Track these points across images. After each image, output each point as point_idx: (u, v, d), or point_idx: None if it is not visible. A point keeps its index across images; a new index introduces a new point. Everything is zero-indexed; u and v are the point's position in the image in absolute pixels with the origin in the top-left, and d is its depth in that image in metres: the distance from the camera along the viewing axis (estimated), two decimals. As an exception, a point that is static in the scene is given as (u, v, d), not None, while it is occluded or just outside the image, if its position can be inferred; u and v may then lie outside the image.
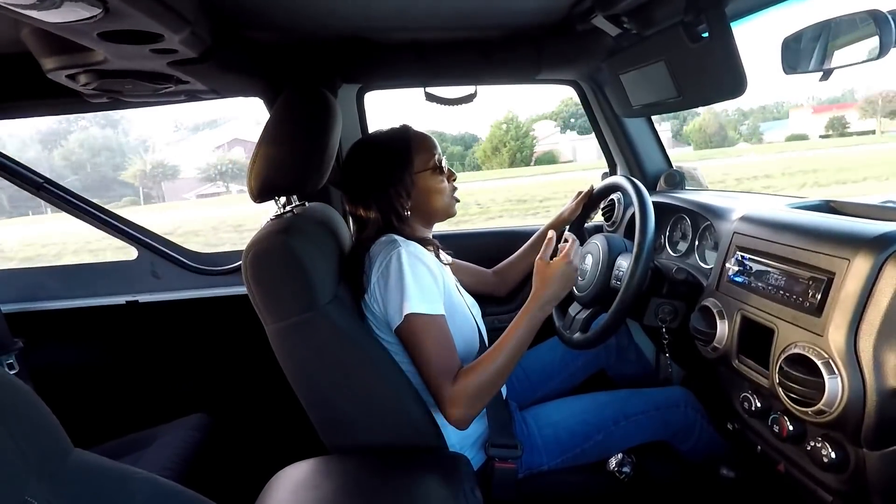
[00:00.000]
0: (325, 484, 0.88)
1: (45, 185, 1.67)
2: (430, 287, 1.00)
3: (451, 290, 1.09)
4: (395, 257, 0.99)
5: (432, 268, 1.03)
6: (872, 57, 0.93)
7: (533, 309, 1.03)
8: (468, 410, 0.96)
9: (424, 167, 1.13)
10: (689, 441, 1.20)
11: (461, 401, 0.95)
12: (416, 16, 1.21)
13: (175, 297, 1.76)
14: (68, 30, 0.74)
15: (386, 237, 1.06)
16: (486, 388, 0.98)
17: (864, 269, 0.79)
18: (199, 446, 1.32)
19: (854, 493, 0.86)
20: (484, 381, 0.97)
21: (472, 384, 0.96)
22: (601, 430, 1.16)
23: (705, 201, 1.38)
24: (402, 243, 1.02)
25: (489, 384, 0.98)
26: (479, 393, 0.96)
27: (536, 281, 1.06)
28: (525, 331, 1.02)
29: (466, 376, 0.97)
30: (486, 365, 0.98)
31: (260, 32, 1.23)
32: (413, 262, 0.99)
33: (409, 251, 1.01)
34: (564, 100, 46.05)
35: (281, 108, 1.06)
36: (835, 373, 0.79)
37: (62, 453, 0.60)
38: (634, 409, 1.19)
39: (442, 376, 0.96)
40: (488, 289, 1.51)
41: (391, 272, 0.99)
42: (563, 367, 1.43)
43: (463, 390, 0.95)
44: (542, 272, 1.06)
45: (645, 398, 1.23)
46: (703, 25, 1.01)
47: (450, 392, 0.95)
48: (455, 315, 1.07)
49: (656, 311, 1.24)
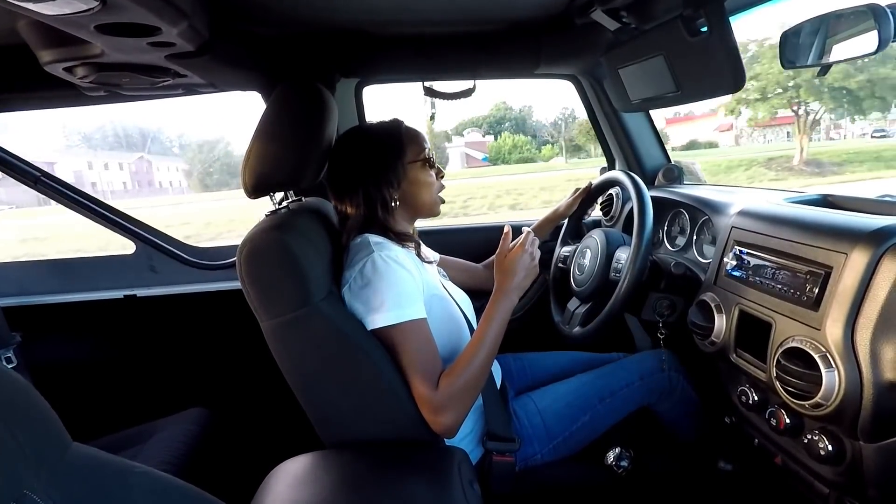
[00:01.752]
0: (323, 478, 0.88)
1: (41, 178, 1.67)
2: (407, 291, 0.98)
3: (434, 287, 1.08)
4: (368, 263, 0.98)
5: (409, 268, 1.01)
6: (871, 51, 0.93)
7: (499, 300, 1.04)
8: (455, 415, 0.95)
9: (416, 158, 1.12)
10: (669, 401, 1.23)
11: (446, 404, 0.94)
12: (414, 9, 1.21)
13: (173, 291, 1.76)
14: (65, 22, 0.74)
15: (361, 238, 1.05)
16: (469, 388, 0.97)
17: (862, 262, 0.79)
18: (198, 440, 1.32)
19: (850, 485, 0.87)
20: (465, 380, 0.96)
21: (455, 386, 0.95)
22: (588, 411, 1.17)
23: (703, 196, 1.38)
24: (376, 247, 1.01)
25: (471, 383, 0.97)
26: (462, 394, 0.96)
27: (497, 274, 1.08)
28: (496, 323, 1.02)
29: (447, 378, 0.96)
30: (463, 364, 0.98)
31: (258, 26, 1.22)
32: (386, 268, 0.97)
33: (382, 255, 0.99)
34: (497, 104, 45.40)
35: (276, 102, 1.05)
36: (832, 366, 0.80)
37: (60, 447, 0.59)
38: (619, 383, 1.21)
39: (423, 383, 0.95)
40: (480, 283, 1.51)
41: (364, 279, 0.98)
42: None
43: (447, 394, 0.94)
44: (500, 265, 1.08)
45: (627, 370, 1.24)
46: (702, 20, 1.01)
47: (433, 398, 0.94)
48: (439, 312, 1.06)
49: (654, 305, 1.25)
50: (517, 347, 1.47)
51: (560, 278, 1.58)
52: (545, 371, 1.39)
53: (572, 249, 1.51)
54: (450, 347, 1.07)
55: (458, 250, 1.56)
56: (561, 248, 1.59)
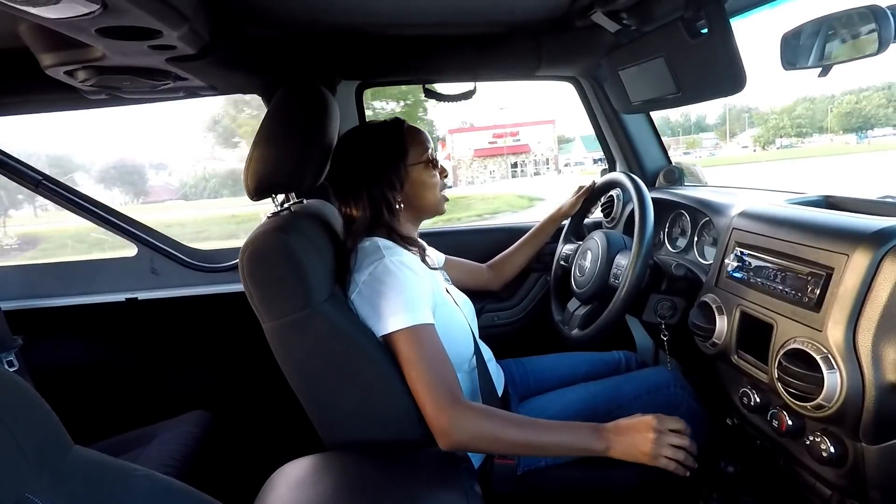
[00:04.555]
0: (325, 481, 0.88)
1: (43, 181, 1.67)
2: (418, 295, 0.97)
3: (439, 294, 1.07)
4: (379, 267, 0.97)
5: (419, 273, 1.01)
6: (871, 52, 0.93)
7: (583, 432, 0.97)
8: (467, 442, 0.92)
9: (419, 159, 1.11)
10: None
11: (463, 432, 0.90)
12: (415, 11, 1.21)
13: (175, 294, 1.76)
14: (66, 26, 0.74)
15: (370, 243, 1.04)
16: (489, 439, 0.93)
17: (863, 264, 0.79)
18: (199, 443, 1.32)
19: (852, 487, 0.86)
20: (494, 433, 0.92)
21: (483, 428, 0.91)
22: (595, 421, 1.16)
23: (704, 197, 1.38)
24: (387, 251, 1.00)
25: (495, 439, 0.93)
26: (480, 439, 0.92)
27: (622, 422, 0.99)
28: (560, 436, 0.96)
29: (483, 416, 0.93)
30: (509, 425, 0.94)
31: (259, 28, 1.23)
32: (398, 272, 0.97)
33: (393, 260, 0.98)
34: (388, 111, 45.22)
35: (277, 104, 1.05)
36: (834, 368, 0.80)
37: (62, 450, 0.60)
38: (626, 396, 1.20)
39: (439, 391, 0.91)
40: (482, 284, 1.50)
41: (375, 284, 0.97)
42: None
43: (470, 424, 0.91)
44: (643, 420, 0.98)
45: (636, 383, 1.23)
46: (703, 21, 1.01)
47: (451, 415, 0.90)
48: (443, 320, 1.05)
49: (655, 307, 1.25)
50: (518, 349, 1.47)
51: (562, 276, 1.57)
52: (548, 376, 1.39)
53: (574, 248, 1.51)
54: (453, 355, 1.06)
55: (463, 251, 1.57)
56: (563, 245, 1.59)
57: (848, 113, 47.23)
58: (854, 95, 50.53)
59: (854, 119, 46.64)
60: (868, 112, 46.99)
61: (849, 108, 47.53)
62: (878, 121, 46.23)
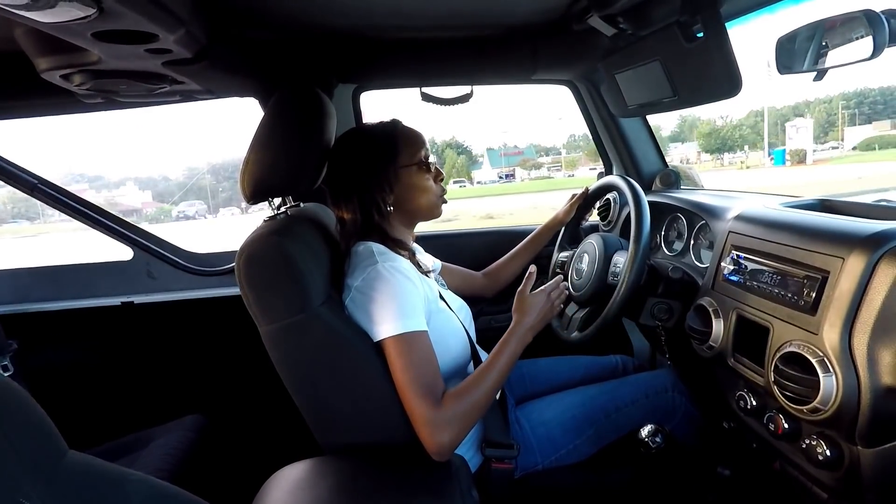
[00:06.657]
0: (321, 484, 0.88)
1: (38, 185, 1.67)
2: (410, 302, 0.97)
3: (434, 300, 1.07)
4: (372, 273, 0.97)
5: (413, 279, 1.00)
6: (866, 56, 0.93)
7: (513, 336, 1.04)
8: (453, 436, 0.92)
9: (410, 162, 1.10)
10: (671, 422, 1.22)
11: (446, 424, 0.91)
12: (412, 14, 1.21)
13: (171, 297, 1.76)
14: (62, 30, 0.74)
15: (364, 247, 1.04)
16: (472, 411, 0.96)
17: (858, 267, 0.80)
18: (195, 447, 1.31)
19: (848, 490, 0.87)
20: (470, 403, 0.95)
21: (459, 408, 0.93)
22: (593, 424, 1.16)
23: (701, 200, 1.39)
24: (381, 257, 1.00)
25: (475, 407, 0.96)
26: (464, 417, 0.94)
27: (515, 311, 1.08)
28: (507, 356, 1.02)
29: (453, 399, 0.94)
30: (471, 387, 0.97)
31: (255, 32, 1.23)
32: (390, 278, 0.97)
33: (386, 266, 0.98)
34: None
35: (274, 108, 1.05)
36: (829, 371, 0.80)
37: (57, 455, 0.59)
38: (624, 399, 1.20)
39: (423, 398, 0.91)
40: (477, 291, 1.50)
41: (367, 290, 0.97)
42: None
43: (450, 414, 0.92)
44: (520, 302, 1.08)
45: (634, 387, 1.24)
46: (699, 26, 1.01)
47: (434, 416, 0.91)
48: (439, 326, 1.05)
49: (652, 310, 1.25)
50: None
51: None
52: (544, 379, 1.39)
53: (569, 254, 1.51)
54: (450, 361, 1.06)
55: (459, 255, 1.56)
56: (558, 253, 1.59)
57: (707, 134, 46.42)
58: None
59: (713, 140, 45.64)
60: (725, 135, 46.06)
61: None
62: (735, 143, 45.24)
